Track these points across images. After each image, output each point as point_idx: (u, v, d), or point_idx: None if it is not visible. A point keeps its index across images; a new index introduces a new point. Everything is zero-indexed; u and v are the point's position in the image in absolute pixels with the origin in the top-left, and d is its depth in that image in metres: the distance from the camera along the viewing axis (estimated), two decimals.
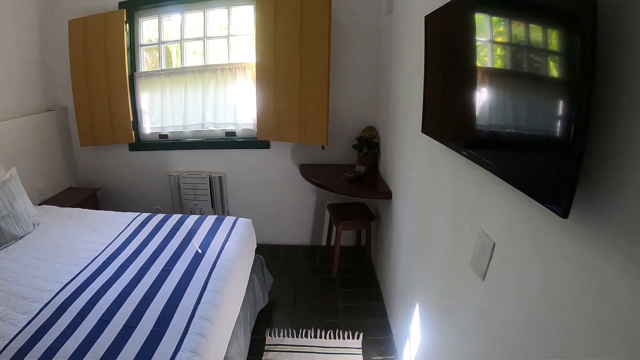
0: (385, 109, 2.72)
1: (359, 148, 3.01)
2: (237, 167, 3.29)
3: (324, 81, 2.79)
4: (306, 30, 2.78)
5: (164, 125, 3.37)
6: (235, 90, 3.16)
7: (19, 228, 2.27)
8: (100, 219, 2.61)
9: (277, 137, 3.01)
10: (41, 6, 3.40)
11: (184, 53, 3.31)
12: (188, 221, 2.49)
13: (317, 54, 2.78)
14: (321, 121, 2.85)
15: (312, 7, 2.74)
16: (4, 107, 3.03)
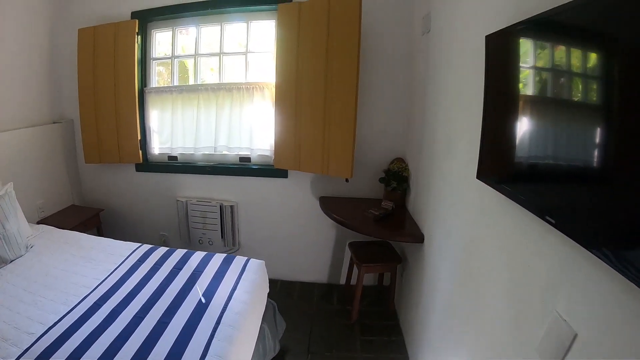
0: (418, 140, 2.40)
1: (386, 182, 2.69)
2: (250, 196, 3.01)
3: (350, 107, 2.48)
4: (332, 49, 2.48)
5: (173, 146, 3.11)
6: (252, 112, 2.87)
7: (10, 251, 2.10)
8: (97, 247, 2.37)
9: (296, 166, 2.72)
10: (52, 12, 3.21)
11: (197, 69, 3.05)
12: (193, 259, 2.21)
13: (344, 76, 2.47)
14: (346, 151, 2.54)
15: (340, 24, 2.44)
16: (7, 117, 2.85)
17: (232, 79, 2.99)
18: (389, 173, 2.69)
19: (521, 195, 1.03)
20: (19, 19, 2.93)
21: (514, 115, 1.09)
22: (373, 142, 2.75)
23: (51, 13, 3.20)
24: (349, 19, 2.40)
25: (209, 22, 2.97)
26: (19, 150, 2.89)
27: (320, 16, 2.48)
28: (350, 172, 2.55)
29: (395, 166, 2.67)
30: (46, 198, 3.15)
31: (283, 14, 2.62)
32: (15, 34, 2.91)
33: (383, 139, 2.77)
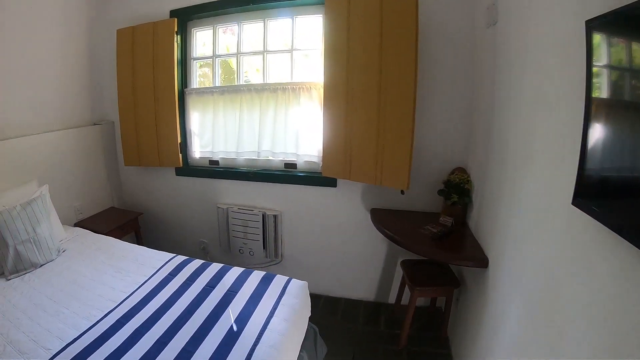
0: (483, 149, 2.09)
1: (445, 195, 2.39)
2: (295, 205, 2.80)
3: (408, 110, 2.20)
4: (386, 44, 2.21)
5: (215, 150, 2.95)
6: (298, 115, 2.65)
7: (40, 255, 2.09)
8: (129, 256, 2.26)
9: (345, 175, 2.48)
10: (91, 13, 3.13)
11: (240, 69, 2.85)
12: (229, 276, 2.04)
13: (400, 74, 2.19)
14: (402, 160, 2.27)
15: (394, 16, 2.16)
16: (47, 118, 2.83)
17: (277, 79, 2.78)
18: (449, 185, 2.39)
19: None
20: (58, 20, 2.87)
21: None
22: (431, 149, 2.46)
23: (90, 14, 3.14)
24: (404, 10, 2.12)
25: (252, 18, 2.77)
26: (58, 151, 2.86)
27: (373, 8, 2.22)
28: (406, 183, 2.29)
29: (456, 177, 2.37)
30: (85, 200, 3.12)
31: (331, 6, 2.37)
32: (54, 36, 2.85)
33: (442, 146, 2.47)
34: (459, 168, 2.43)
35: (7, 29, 2.50)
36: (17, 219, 2.06)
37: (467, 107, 2.37)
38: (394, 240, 2.25)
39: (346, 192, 2.65)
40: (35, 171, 2.63)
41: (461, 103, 2.38)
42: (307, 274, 2.83)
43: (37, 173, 2.64)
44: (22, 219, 2.08)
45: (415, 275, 2.30)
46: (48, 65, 2.84)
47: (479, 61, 2.22)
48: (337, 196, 2.68)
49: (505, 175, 1.72)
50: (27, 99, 2.67)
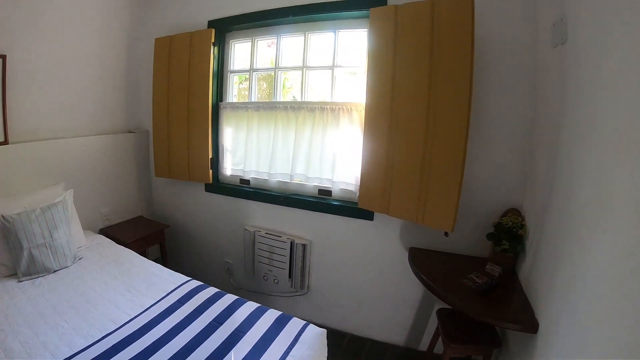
0: (543, 191, 1.75)
1: (495, 239, 2.06)
2: (327, 235, 2.57)
3: (459, 139, 1.91)
4: (437, 63, 1.93)
5: (246, 169, 2.79)
6: (337, 138, 2.42)
7: (54, 260, 2.08)
8: (142, 274, 2.15)
9: (383, 208, 2.22)
10: (131, 20, 3.08)
11: (277, 85, 2.67)
12: (240, 312, 1.84)
13: (453, 97, 1.91)
14: (449, 198, 1.97)
15: (447, 32, 1.89)
16: (81, 123, 2.83)
17: (316, 98, 2.57)
18: (500, 229, 2.06)
19: None
20: (98, 25, 2.86)
21: None
22: (482, 185, 2.15)
23: (130, 21, 3.11)
24: (458, 25, 1.85)
25: (292, 31, 2.59)
26: (89, 156, 2.85)
27: (423, 22, 1.95)
28: (452, 225, 1.98)
29: (509, 220, 2.03)
30: (113, 207, 3.08)
31: (376, 19, 2.13)
32: (93, 40, 2.84)
33: (495, 182, 2.14)
34: (512, 210, 2.09)
35: (45, 31, 2.49)
36: (35, 222, 2.05)
37: (526, 139, 2.02)
38: (431, 289, 1.96)
39: (383, 227, 2.38)
40: (63, 175, 2.62)
41: (520, 134, 2.05)
42: (333, 309, 2.63)
43: (65, 177, 2.62)
44: (40, 222, 2.07)
45: (451, 329, 1.98)
46: (85, 70, 2.82)
47: (543, 86, 1.89)
48: (373, 230, 2.42)
49: (570, 228, 1.39)
50: (61, 102, 2.66)
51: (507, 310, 1.77)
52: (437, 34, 1.92)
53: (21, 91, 2.39)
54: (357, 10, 2.32)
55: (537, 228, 1.78)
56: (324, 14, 2.40)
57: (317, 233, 2.59)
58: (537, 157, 1.94)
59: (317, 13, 2.40)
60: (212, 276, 3.14)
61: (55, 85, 2.60)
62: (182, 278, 2.14)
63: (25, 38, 2.38)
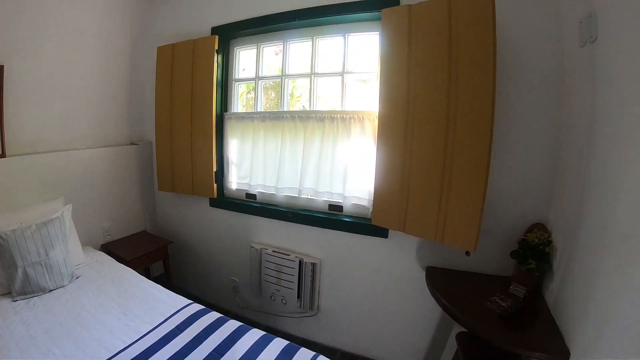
0: (573, 203, 1.56)
1: (520, 258, 1.86)
2: (338, 253, 2.39)
3: (482, 150, 1.73)
4: (457, 67, 1.76)
5: (252, 182, 2.63)
6: (348, 150, 2.26)
7: (50, 280, 1.99)
8: (141, 295, 2.03)
9: (399, 226, 2.03)
10: (134, 27, 2.99)
11: (284, 93, 2.53)
12: (244, 341, 1.68)
13: (474, 103, 1.73)
14: (471, 215, 1.79)
15: (466, 32, 1.72)
16: (82, 134, 2.73)
17: (325, 106, 2.42)
18: (525, 246, 1.85)
19: None
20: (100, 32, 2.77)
21: None
22: (504, 198, 1.95)
23: (133, 28, 3.01)
24: (478, 25, 1.69)
25: (299, 36, 2.45)
26: (90, 169, 2.75)
27: (439, 23, 1.79)
28: (474, 244, 1.80)
29: (535, 237, 1.83)
30: (115, 221, 2.97)
31: (389, 21, 1.97)
32: (94, 49, 2.75)
33: (517, 195, 1.94)
34: (538, 224, 1.89)
35: (45, 40, 2.41)
36: (30, 239, 1.96)
37: (552, 147, 1.83)
38: (449, 312, 1.77)
39: (399, 245, 2.20)
40: (63, 189, 2.53)
41: (544, 143, 1.86)
42: (345, 331, 2.46)
43: (65, 191, 2.53)
44: (35, 240, 1.98)
45: (472, 355, 1.78)
46: (86, 80, 2.73)
47: (570, 89, 1.71)
48: (388, 248, 2.24)
49: (606, 246, 1.21)
50: (61, 113, 2.58)
51: (534, 336, 1.56)
52: (455, 34, 1.75)
53: (20, 102, 2.31)
54: (367, 12, 2.16)
55: (567, 245, 1.60)
56: (332, 17, 2.25)
57: (328, 251, 2.41)
58: (564, 166, 1.76)
59: (325, 16, 2.25)
60: (217, 294, 3.00)
61: (55, 95, 2.52)
62: (182, 301, 2.00)
63: (24, 47, 2.30)
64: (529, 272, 1.80)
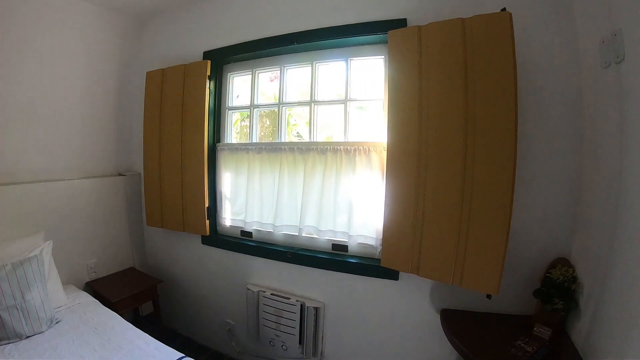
0: (604, 234, 1.38)
1: (544, 297, 1.66)
2: (343, 297, 2.18)
3: (505, 184, 1.55)
4: (474, 93, 1.60)
5: (248, 219, 2.41)
6: (353, 184, 2.06)
7: (27, 325, 1.80)
8: (126, 348, 1.79)
9: (412, 268, 1.83)
10: (123, 51, 2.83)
11: (281, 123, 2.34)
12: None
13: (495, 131, 1.57)
14: (494, 254, 1.59)
15: (483, 55, 1.57)
16: (65, 164, 2.56)
17: (327, 137, 2.24)
18: (549, 284, 1.66)
19: None
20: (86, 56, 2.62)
21: None
22: (523, 232, 1.75)
23: (122, 52, 2.83)
24: (495, 46, 1.55)
25: (297, 61, 2.28)
26: (74, 202, 2.57)
27: (452, 44, 1.64)
28: (496, 286, 1.60)
29: (559, 273, 1.64)
30: (101, 257, 2.76)
31: (396, 43, 1.81)
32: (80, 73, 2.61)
33: (537, 229, 1.75)
34: (560, 259, 1.70)
35: (27, 63, 2.27)
36: (4, 280, 1.79)
37: (573, 178, 1.67)
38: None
39: (411, 287, 1.99)
40: (44, 222, 2.35)
41: (565, 172, 1.69)
42: None
43: (46, 225, 2.35)
44: (10, 281, 1.81)
45: None
46: (71, 106, 2.57)
47: (593, 115, 1.54)
48: (399, 291, 2.03)
49: None
50: (43, 141, 2.42)
51: None
52: (470, 57, 1.61)
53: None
54: (372, 35, 2.00)
55: (596, 282, 1.43)
56: (334, 40, 2.09)
57: (332, 294, 2.19)
58: (588, 198, 1.60)
59: (326, 39, 2.09)
60: (211, 336, 2.76)
61: (37, 121, 2.37)
62: (170, 354, 1.78)
63: (5, 70, 2.16)
64: (554, 311, 1.61)
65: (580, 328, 1.51)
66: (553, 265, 1.70)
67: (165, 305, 2.88)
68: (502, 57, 1.53)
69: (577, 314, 1.57)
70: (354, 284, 2.12)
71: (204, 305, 2.75)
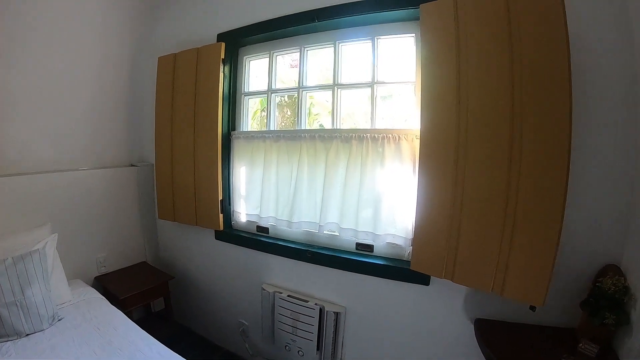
0: None
1: (592, 309, 1.42)
2: (367, 301, 1.97)
3: (557, 181, 1.32)
4: (520, 72, 1.37)
5: (263, 214, 2.23)
6: (381, 176, 1.84)
7: (26, 322, 1.71)
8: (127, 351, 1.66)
9: (446, 273, 1.61)
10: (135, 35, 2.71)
11: (301, 109, 2.14)
12: None
13: (545, 119, 1.33)
14: (541, 261, 1.37)
15: (530, 29, 1.34)
16: (75, 154, 2.46)
17: (352, 124, 2.03)
18: (598, 295, 1.41)
19: None
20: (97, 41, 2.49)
21: None
22: (570, 235, 1.48)
23: (134, 36, 2.70)
24: (544, 18, 1.31)
25: (318, 42, 2.07)
26: (85, 193, 2.46)
27: (494, 16, 1.41)
28: (542, 297, 1.38)
29: (610, 283, 1.39)
30: (111, 251, 2.65)
31: (429, 18, 1.58)
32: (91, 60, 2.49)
33: (586, 232, 1.50)
34: (610, 267, 1.46)
35: (35, 48, 2.16)
36: (3, 275, 1.70)
37: (625, 176, 1.43)
38: None
39: (443, 293, 1.77)
40: (51, 214, 2.25)
41: (619, 169, 1.44)
42: None
43: (54, 216, 2.25)
44: (10, 276, 1.72)
45: None
46: (81, 93, 2.45)
47: None
48: (429, 297, 1.81)
49: None
50: (52, 130, 2.32)
51: None
52: (516, 31, 1.37)
53: (4, 116, 2.06)
54: (401, 9, 1.77)
55: None
56: (359, 17, 1.86)
57: (354, 298, 1.99)
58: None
59: (350, 15, 1.87)
60: (223, 335, 2.63)
61: (45, 110, 2.26)
62: None
63: (11, 55, 2.06)
64: (602, 326, 1.38)
65: (631, 346, 1.30)
66: (602, 273, 1.47)
67: (178, 300, 2.76)
68: (553, 32, 1.30)
69: (627, 330, 1.34)
70: (379, 287, 1.91)
71: (217, 303, 2.60)
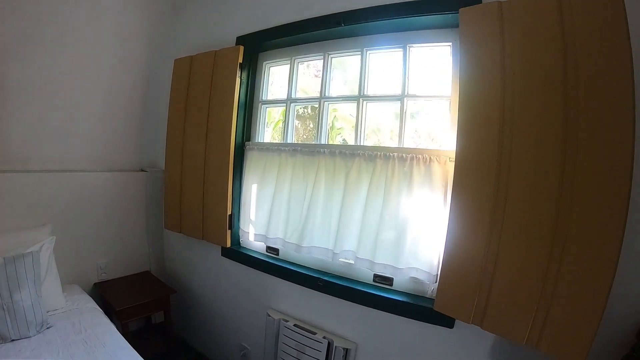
0: None
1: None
2: (381, 339, 1.75)
3: (613, 227, 1.11)
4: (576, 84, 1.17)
5: (270, 235, 2.04)
6: (407, 201, 1.63)
7: (13, 327, 1.65)
8: None
9: (475, 319, 1.39)
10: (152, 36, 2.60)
11: (322, 121, 1.96)
12: None
13: (604, 151, 1.13)
14: (587, 313, 1.15)
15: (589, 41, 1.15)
16: (85, 155, 2.41)
17: (377, 141, 1.84)
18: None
19: None
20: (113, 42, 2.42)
21: None
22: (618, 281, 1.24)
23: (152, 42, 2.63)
24: (603, 28, 1.13)
25: (344, 48, 1.90)
26: (90, 195, 2.40)
27: (545, 25, 1.22)
28: (584, 355, 1.16)
29: None
30: (114, 257, 2.55)
31: (470, 25, 1.39)
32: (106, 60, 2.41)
33: (631, 277, 1.23)
34: None
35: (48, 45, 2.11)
36: None
37: None
38: None
39: (467, 340, 1.54)
40: (53, 215, 2.18)
41: None
42: None
43: (56, 218, 2.19)
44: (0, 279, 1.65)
45: None
46: (93, 93, 2.38)
47: None
48: (453, 342, 1.58)
49: None
50: (61, 129, 2.25)
51: None
52: (570, 41, 1.17)
53: (12, 111, 2.02)
54: (437, 14, 1.57)
55: None
56: (389, 21, 1.66)
57: (367, 335, 1.77)
58: None
59: (380, 20, 1.68)
60: (223, 356, 2.46)
61: (55, 108, 2.20)
62: None
63: (23, 51, 2.01)
64: None
65: None
66: None
67: (179, 314, 2.61)
68: (613, 41, 1.10)
69: None
70: (395, 325, 1.69)
71: (219, 322, 2.43)
